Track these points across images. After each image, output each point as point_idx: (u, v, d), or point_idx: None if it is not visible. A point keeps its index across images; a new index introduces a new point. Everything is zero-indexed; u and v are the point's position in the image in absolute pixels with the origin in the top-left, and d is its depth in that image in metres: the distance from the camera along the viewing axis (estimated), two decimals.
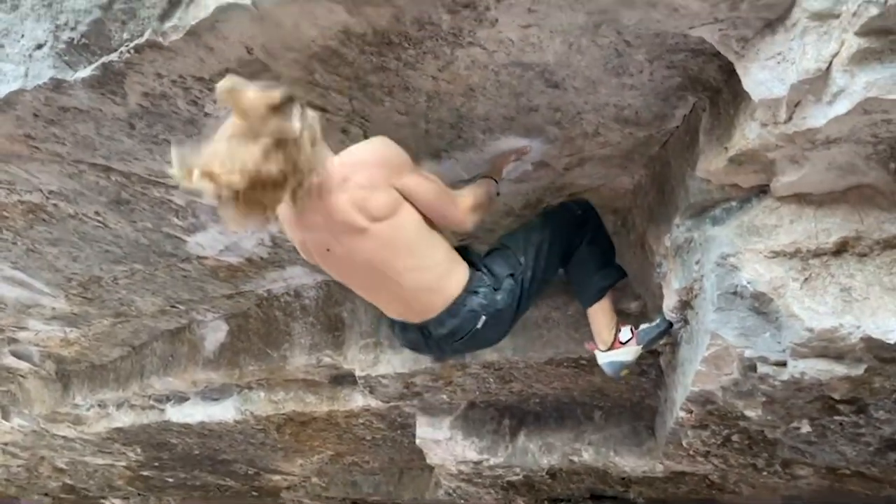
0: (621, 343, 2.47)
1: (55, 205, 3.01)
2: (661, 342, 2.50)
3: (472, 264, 2.29)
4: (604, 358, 2.50)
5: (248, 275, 3.36)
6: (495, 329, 2.33)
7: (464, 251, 2.32)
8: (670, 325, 2.41)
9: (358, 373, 3.22)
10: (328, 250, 2.19)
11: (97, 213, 3.02)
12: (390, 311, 2.37)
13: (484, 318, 2.24)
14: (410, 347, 2.50)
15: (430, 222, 2.18)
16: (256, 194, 1.86)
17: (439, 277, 2.21)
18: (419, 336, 2.34)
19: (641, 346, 2.46)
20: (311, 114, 1.97)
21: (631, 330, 2.47)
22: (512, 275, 2.28)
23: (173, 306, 3.78)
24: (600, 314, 2.48)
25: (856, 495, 2.77)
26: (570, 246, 2.43)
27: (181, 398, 4.23)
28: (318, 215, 2.08)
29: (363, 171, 2.04)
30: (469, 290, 2.22)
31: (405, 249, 2.15)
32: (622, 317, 2.55)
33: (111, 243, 3.21)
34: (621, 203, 2.64)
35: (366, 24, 2.06)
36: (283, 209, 2.09)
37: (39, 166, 2.78)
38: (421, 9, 1.98)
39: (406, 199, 2.08)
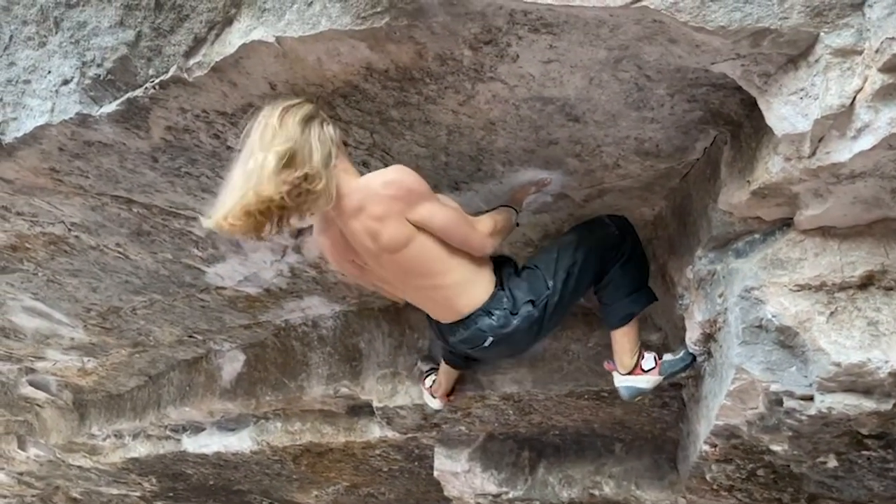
0: (643, 371, 2.45)
1: (77, 237, 3.04)
2: (683, 375, 2.49)
3: (500, 282, 2.30)
4: (622, 381, 2.49)
5: (266, 305, 3.37)
6: (507, 348, 2.36)
7: (500, 264, 2.36)
8: (694, 358, 2.40)
9: (376, 404, 3.20)
10: (353, 261, 2.27)
11: (118, 244, 3.05)
12: (430, 310, 2.42)
13: (491, 339, 2.27)
14: (444, 346, 2.58)
15: (449, 245, 2.19)
16: (265, 215, 1.90)
17: (456, 295, 2.25)
18: (439, 332, 2.44)
19: (663, 377, 2.44)
20: (331, 132, 2.02)
21: (655, 359, 2.45)
22: (532, 301, 2.27)
23: (191, 336, 3.79)
24: (625, 338, 2.45)
25: None
26: (603, 267, 2.38)
27: (197, 428, 4.22)
28: (339, 230, 2.16)
29: (377, 203, 2.03)
30: (485, 310, 2.25)
31: (419, 273, 2.20)
32: (644, 345, 2.54)
33: (131, 274, 3.24)
34: (641, 234, 2.62)
35: (388, 60, 2.09)
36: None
37: (63, 199, 2.81)
38: (443, 45, 2.01)
39: (423, 228, 2.09)
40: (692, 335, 2.29)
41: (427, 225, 2.10)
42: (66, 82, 2.42)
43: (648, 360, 2.45)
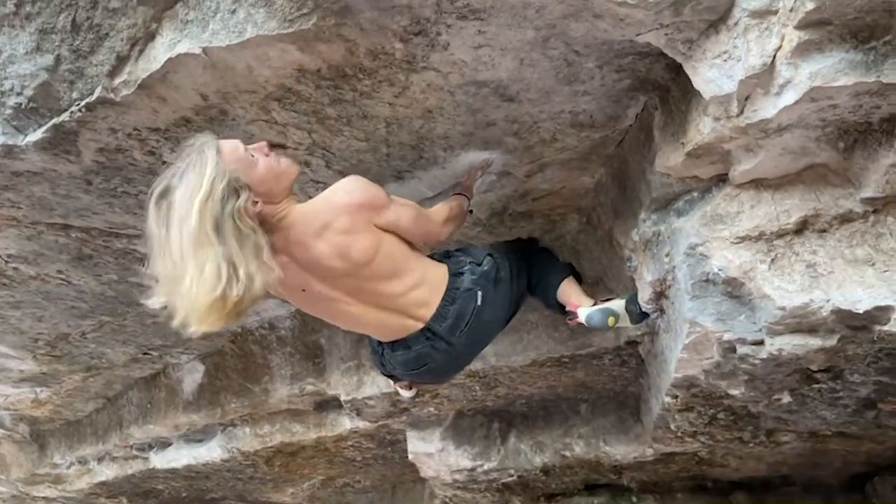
0: (603, 301, 2.48)
1: (15, 268, 2.94)
2: (639, 309, 2.47)
3: (446, 255, 2.34)
4: (589, 310, 2.43)
5: None
6: (495, 305, 2.28)
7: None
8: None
9: (343, 397, 3.22)
10: (304, 290, 2.11)
11: (59, 271, 2.97)
12: (387, 333, 2.28)
13: (480, 292, 2.22)
14: (418, 370, 2.32)
15: (407, 241, 2.19)
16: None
17: (425, 280, 2.18)
18: (426, 345, 2.23)
19: (625, 301, 2.43)
20: (245, 215, 1.83)
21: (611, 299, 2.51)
22: (490, 255, 2.31)
23: (146, 353, 3.73)
24: (569, 288, 2.53)
25: (837, 453, 2.89)
26: (528, 264, 2.55)
27: (164, 444, 4.16)
28: (290, 263, 2.01)
29: (342, 216, 1.98)
30: (454, 274, 2.22)
31: (393, 277, 2.12)
32: None
33: (76, 299, 3.16)
34: (584, 202, 2.70)
35: (319, 60, 2.08)
36: None
37: None
38: (373, 41, 2.01)
39: (388, 231, 2.08)
40: (644, 295, 2.37)
41: (395, 227, 2.09)
42: None
43: (604, 298, 2.52)
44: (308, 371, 3.34)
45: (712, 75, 1.80)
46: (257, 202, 1.88)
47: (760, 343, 2.04)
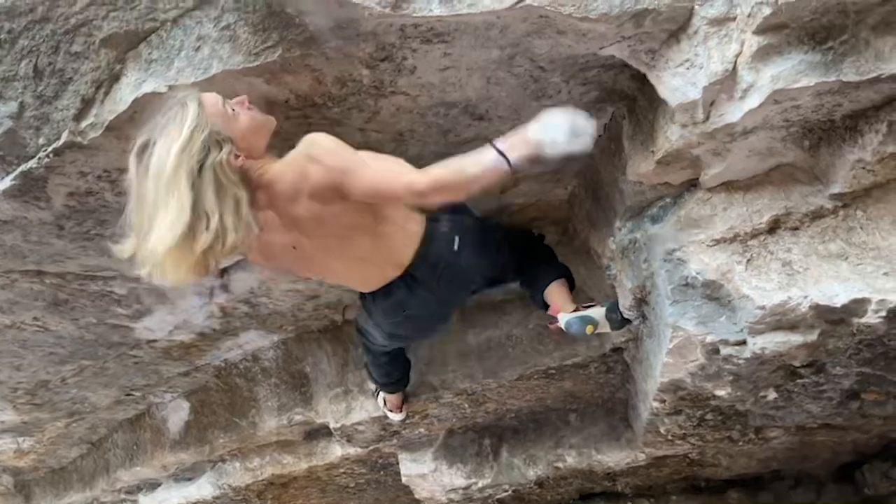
0: (584, 307, 2.46)
1: None
2: (620, 316, 2.47)
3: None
4: (569, 316, 2.41)
5: (202, 349, 3.30)
6: (473, 253, 2.25)
7: None
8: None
9: (333, 425, 3.20)
10: (294, 248, 2.08)
11: (35, 318, 2.92)
12: (370, 283, 2.27)
13: (457, 237, 2.22)
14: (398, 317, 2.32)
15: None
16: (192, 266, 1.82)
17: (404, 227, 2.16)
18: (405, 291, 2.22)
19: (605, 309, 2.42)
20: (225, 165, 1.83)
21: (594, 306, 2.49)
22: (469, 213, 2.36)
23: (128, 394, 3.67)
24: (556, 290, 2.51)
25: (824, 445, 2.93)
26: (523, 252, 2.55)
27: (153, 485, 4.09)
28: (276, 219, 2.00)
29: (309, 186, 1.89)
30: (431, 220, 2.21)
31: (371, 229, 2.07)
32: None
33: (54, 345, 3.11)
34: (560, 214, 2.72)
35: (287, 91, 2.09)
36: None
37: None
38: (340, 69, 2.02)
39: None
40: (625, 302, 2.39)
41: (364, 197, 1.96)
42: None
43: (587, 303, 2.51)
44: (295, 401, 3.31)
45: (676, 83, 1.83)
46: (239, 156, 1.87)
47: (743, 343, 2.07)
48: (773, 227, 2.01)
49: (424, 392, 3.03)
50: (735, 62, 1.73)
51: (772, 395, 2.34)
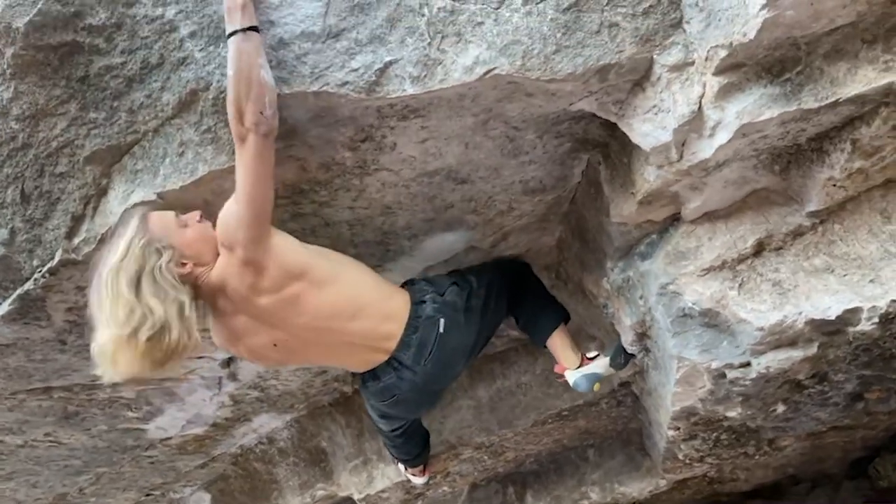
0: (589, 359, 2.53)
1: (1, 441, 2.88)
2: (623, 359, 2.57)
3: (411, 283, 2.33)
4: (575, 375, 2.52)
5: (216, 439, 3.30)
6: (460, 332, 2.25)
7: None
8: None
9: (357, 496, 3.20)
10: (275, 345, 2.11)
11: (47, 434, 2.91)
12: (356, 367, 2.32)
13: (442, 320, 2.20)
14: (388, 400, 2.34)
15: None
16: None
17: (386, 311, 2.17)
18: (393, 375, 2.24)
19: (609, 359, 2.53)
20: (167, 272, 1.87)
21: (595, 348, 2.60)
22: (455, 283, 2.31)
23: (148, 494, 3.64)
24: (559, 341, 2.54)
25: (835, 445, 2.98)
26: (516, 291, 2.53)
27: None
28: (249, 322, 2.04)
29: (245, 270, 1.94)
30: (416, 303, 2.21)
31: (349, 317, 2.10)
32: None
33: (69, 457, 3.09)
34: (550, 259, 2.78)
35: (274, 182, 2.13)
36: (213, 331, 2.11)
37: None
38: (323, 154, 2.08)
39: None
40: (626, 338, 2.44)
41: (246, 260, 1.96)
42: None
43: (591, 351, 2.57)
44: (316, 477, 3.31)
45: (647, 129, 1.91)
46: (185, 264, 1.92)
47: (747, 364, 2.12)
48: (759, 250, 2.08)
49: (444, 450, 3.05)
50: (700, 103, 1.81)
51: (781, 408, 2.39)
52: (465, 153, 2.19)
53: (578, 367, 2.53)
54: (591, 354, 2.57)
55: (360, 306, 2.11)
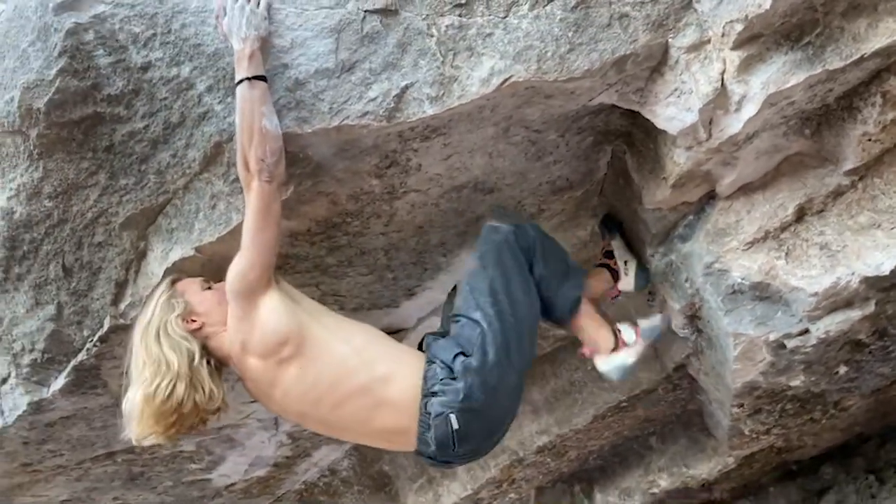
0: (626, 344, 2.19)
1: None
2: (660, 335, 2.28)
3: (429, 359, 1.98)
4: (607, 364, 2.18)
5: (279, 478, 3.31)
6: (484, 416, 1.94)
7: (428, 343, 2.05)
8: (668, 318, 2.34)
9: None
10: (303, 417, 2.04)
11: (115, 498, 2.95)
12: (396, 447, 2.14)
13: (454, 416, 1.87)
14: (454, 460, 2.08)
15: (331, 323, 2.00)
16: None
17: (387, 401, 1.92)
18: (430, 460, 2.01)
19: (647, 341, 2.19)
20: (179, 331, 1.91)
21: (632, 328, 2.20)
22: (462, 352, 1.93)
23: None
24: (588, 321, 2.19)
25: None
26: (527, 268, 2.10)
27: None
28: (250, 385, 2.01)
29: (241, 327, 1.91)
30: (427, 394, 1.90)
31: (339, 404, 1.94)
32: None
33: None
34: (586, 253, 2.76)
35: (307, 220, 2.15)
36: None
37: (44, 485, 2.71)
38: (352, 186, 2.09)
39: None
40: (677, 322, 2.43)
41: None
42: (3, 381, 2.36)
43: (627, 332, 2.20)
44: (382, 502, 3.31)
45: (671, 112, 1.90)
46: (195, 320, 1.95)
47: (806, 332, 2.10)
48: (800, 216, 2.06)
49: (505, 458, 3.04)
50: (722, 79, 1.80)
51: (843, 369, 2.36)
52: (490, 163, 2.19)
53: (613, 350, 2.18)
54: (628, 338, 2.19)
55: (351, 390, 1.92)
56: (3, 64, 1.91)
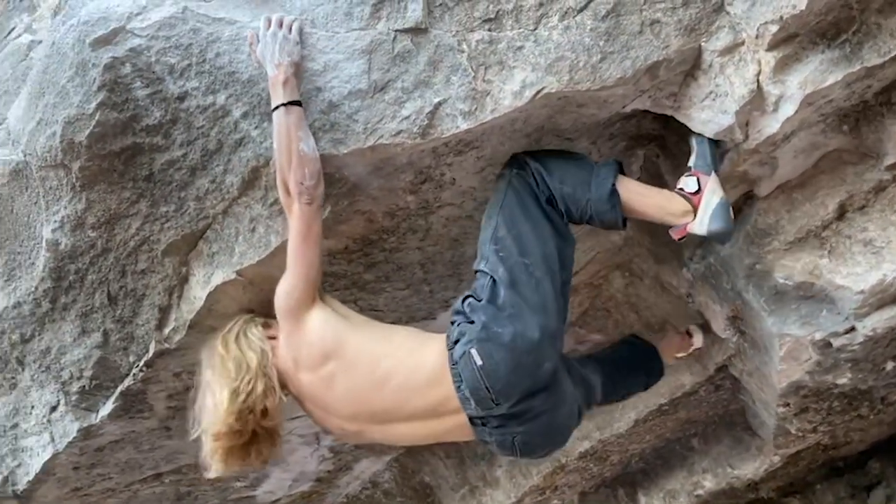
0: (695, 194, 1.88)
1: None
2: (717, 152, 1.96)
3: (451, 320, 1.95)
4: (702, 226, 1.87)
5: (322, 493, 3.33)
6: (508, 350, 1.80)
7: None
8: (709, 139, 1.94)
9: None
10: (356, 416, 2.02)
11: None
12: (448, 436, 2.08)
13: (474, 350, 1.80)
14: (518, 455, 2.02)
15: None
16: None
17: (418, 374, 1.91)
18: (487, 432, 1.93)
19: (715, 171, 1.89)
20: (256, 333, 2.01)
21: (691, 174, 1.91)
22: (469, 296, 1.90)
23: None
24: (648, 202, 1.93)
25: None
26: (540, 199, 1.94)
27: None
28: (308, 405, 2.06)
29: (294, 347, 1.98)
30: (450, 347, 1.88)
31: (378, 386, 1.93)
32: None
33: None
34: (619, 258, 2.75)
35: (344, 238, 2.17)
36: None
37: None
38: (387, 203, 2.10)
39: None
40: (719, 325, 2.41)
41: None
42: (53, 408, 2.40)
43: (688, 182, 1.90)
44: None
45: (707, 116, 1.89)
46: (271, 326, 2.03)
47: (852, 330, 2.08)
48: (842, 213, 2.04)
49: (548, 465, 3.03)
50: (757, 81, 1.78)
51: (891, 365, 2.33)
52: None
53: (694, 210, 1.88)
54: (691, 187, 1.88)
55: (388, 369, 1.92)
56: (43, 99, 1.95)
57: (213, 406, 1.95)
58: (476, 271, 1.95)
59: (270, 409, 1.94)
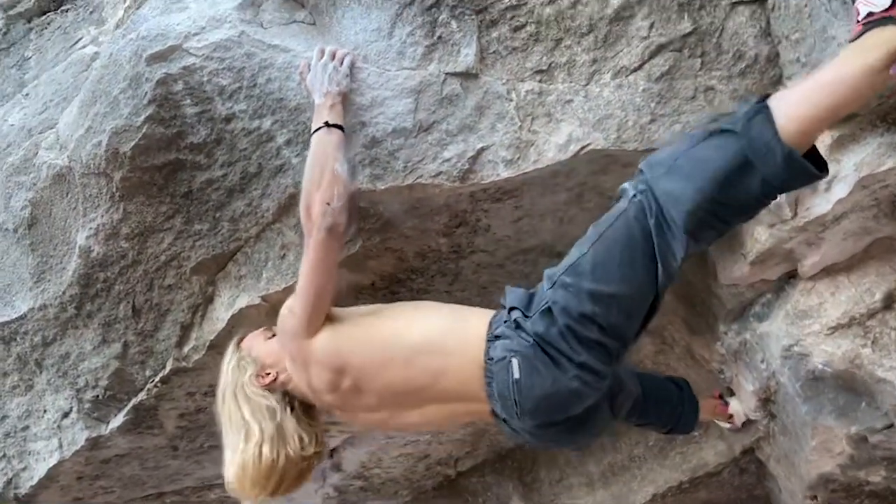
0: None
1: None
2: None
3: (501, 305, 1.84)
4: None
5: None
6: (551, 376, 1.67)
7: None
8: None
9: None
10: (387, 422, 2.00)
11: None
12: (470, 417, 2.03)
13: (516, 362, 1.67)
14: (528, 443, 2.03)
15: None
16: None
17: (453, 360, 1.77)
18: (505, 426, 1.85)
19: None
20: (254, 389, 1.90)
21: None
22: (549, 307, 1.69)
23: None
24: (830, 100, 1.44)
25: None
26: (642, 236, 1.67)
27: None
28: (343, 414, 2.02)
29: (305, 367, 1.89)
30: (490, 338, 1.73)
31: (389, 365, 1.83)
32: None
33: None
34: (654, 323, 2.67)
35: (372, 275, 2.15)
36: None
37: None
38: (419, 243, 2.08)
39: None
40: (749, 405, 2.31)
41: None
42: (65, 415, 2.39)
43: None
44: None
45: None
46: (268, 373, 1.91)
47: (891, 426, 1.97)
48: (889, 303, 1.95)
49: None
50: None
51: None
52: (560, 228, 2.15)
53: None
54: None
55: (412, 348, 1.81)
56: (93, 108, 1.98)
57: (232, 477, 1.91)
58: (547, 281, 1.77)
59: (294, 454, 1.86)
